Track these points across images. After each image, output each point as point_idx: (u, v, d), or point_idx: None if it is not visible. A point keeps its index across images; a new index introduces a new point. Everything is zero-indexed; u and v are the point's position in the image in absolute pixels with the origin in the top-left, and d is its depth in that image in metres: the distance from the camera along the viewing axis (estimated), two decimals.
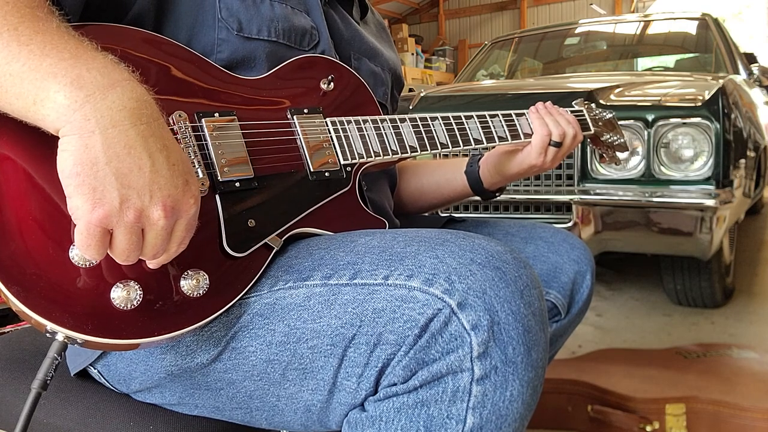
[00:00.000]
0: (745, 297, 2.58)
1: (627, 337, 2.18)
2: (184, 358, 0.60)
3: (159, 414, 0.67)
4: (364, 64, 0.87)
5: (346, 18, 0.88)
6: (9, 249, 0.48)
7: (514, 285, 0.54)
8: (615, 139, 1.08)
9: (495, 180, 0.98)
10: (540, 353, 0.54)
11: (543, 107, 0.93)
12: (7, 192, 0.49)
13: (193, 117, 0.61)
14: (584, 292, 0.95)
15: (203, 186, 0.58)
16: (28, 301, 0.48)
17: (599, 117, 1.07)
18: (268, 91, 0.69)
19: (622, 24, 3.68)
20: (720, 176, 1.92)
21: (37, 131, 0.48)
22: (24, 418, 0.51)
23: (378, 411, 0.54)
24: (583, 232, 2.06)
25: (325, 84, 0.73)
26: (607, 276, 2.97)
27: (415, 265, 0.54)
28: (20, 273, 0.48)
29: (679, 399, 1.42)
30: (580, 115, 1.01)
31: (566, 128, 0.92)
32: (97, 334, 0.50)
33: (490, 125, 0.87)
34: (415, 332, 0.52)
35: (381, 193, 0.88)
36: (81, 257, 0.50)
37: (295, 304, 0.58)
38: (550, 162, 0.92)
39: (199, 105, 0.62)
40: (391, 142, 0.75)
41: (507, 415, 0.52)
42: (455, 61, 10.36)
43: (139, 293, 0.52)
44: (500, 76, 3.73)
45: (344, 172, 0.70)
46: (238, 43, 0.69)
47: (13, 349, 0.85)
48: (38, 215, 0.50)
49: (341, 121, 0.72)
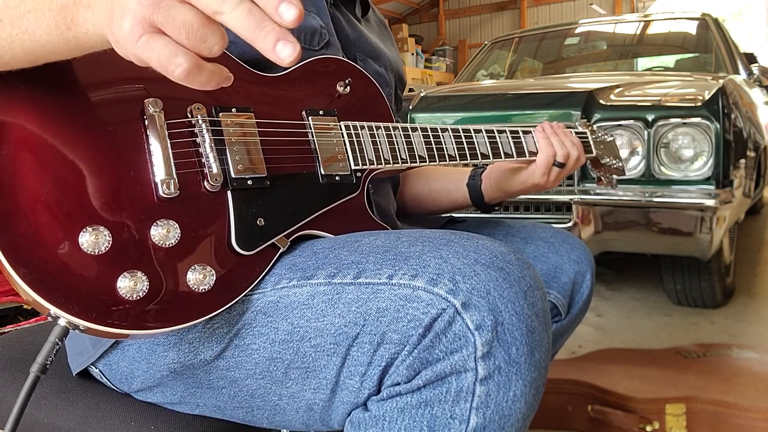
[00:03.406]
0: (745, 297, 2.58)
1: (627, 337, 2.18)
2: (187, 355, 0.60)
3: (160, 414, 0.67)
4: (369, 65, 0.87)
5: (350, 19, 0.88)
6: (18, 230, 0.48)
7: (517, 286, 0.54)
8: (614, 162, 1.09)
9: (496, 195, 0.99)
10: (543, 353, 0.54)
11: (549, 127, 0.93)
12: (20, 173, 0.49)
13: (211, 110, 0.60)
14: (584, 292, 0.95)
15: (216, 181, 0.58)
16: (34, 284, 0.48)
17: (601, 140, 1.08)
18: (285, 90, 0.69)
19: (622, 24, 3.68)
20: (720, 176, 1.93)
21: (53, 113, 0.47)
22: (21, 401, 0.50)
23: (381, 411, 0.54)
24: (583, 232, 2.06)
25: (341, 87, 0.73)
26: (607, 276, 2.97)
27: (419, 264, 0.54)
28: (28, 255, 0.48)
29: (679, 399, 1.43)
30: (583, 137, 1.01)
31: (570, 150, 0.92)
32: (100, 322, 0.50)
33: (497, 141, 0.87)
34: (419, 332, 0.52)
35: (385, 197, 0.88)
36: (90, 243, 0.50)
37: (298, 303, 0.57)
38: (552, 181, 0.93)
39: (217, 98, 0.62)
40: (402, 150, 0.75)
41: (510, 414, 0.52)
42: (455, 61, 10.36)
43: (145, 284, 0.52)
44: (500, 76, 3.73)
45: (354, 177, 0.70)
46: (247, 44, 0.69)
47: (13, 349, 0.85)
48: (49, 198, 0.50)
49: (355, 125, 0.72)
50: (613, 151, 1.10)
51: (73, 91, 0.54)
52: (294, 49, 0.40)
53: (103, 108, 0.55)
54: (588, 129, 1.05)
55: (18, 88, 0.51)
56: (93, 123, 0.54)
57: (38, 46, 0.47)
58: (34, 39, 0.47)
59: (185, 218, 0.56)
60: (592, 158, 1.05)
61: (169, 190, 0.55)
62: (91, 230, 0.50)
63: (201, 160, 0.58)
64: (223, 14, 0.39)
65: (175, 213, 0.56)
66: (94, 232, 0.50)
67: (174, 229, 0.55)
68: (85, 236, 0.50)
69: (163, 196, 0.55)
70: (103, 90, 0.55)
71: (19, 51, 0.48)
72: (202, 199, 0.58)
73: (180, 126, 0.58)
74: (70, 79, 0.54)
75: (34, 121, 0.50)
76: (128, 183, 0.54)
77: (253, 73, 0.67)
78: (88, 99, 0.54)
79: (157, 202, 0.55)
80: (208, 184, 0.58)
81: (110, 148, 0.54)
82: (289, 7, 0.39)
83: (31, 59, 0.49)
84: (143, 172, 0.55)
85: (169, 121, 0.57)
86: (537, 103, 2.24)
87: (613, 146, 1.11)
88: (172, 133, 0.57)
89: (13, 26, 0.47)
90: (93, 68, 0.55)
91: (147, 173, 0.55)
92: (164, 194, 0.55)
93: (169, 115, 0.57)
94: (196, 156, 0.58)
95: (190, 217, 0.57)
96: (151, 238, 0.54)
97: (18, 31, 0.47)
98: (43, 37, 0.46)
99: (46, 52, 0.48)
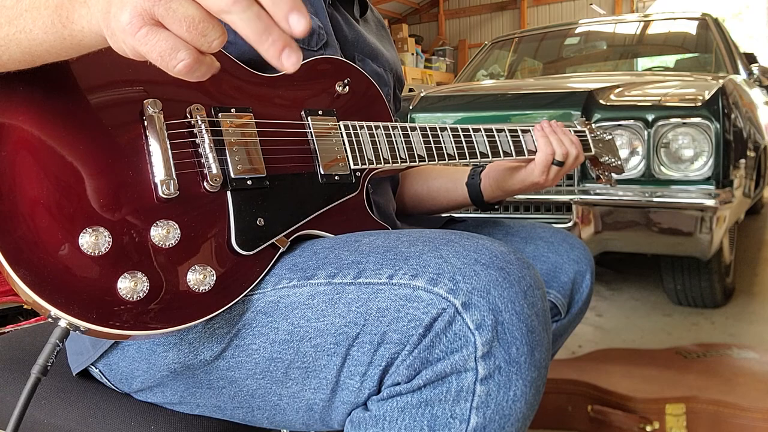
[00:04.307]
0: (745, 297, 2.58)
1: (627, 337, 2.18)
2: (187, 356, 0.60)
3: (160, 414, 0.67)
4: (368, 66, 0.87)
5: (348, 19, 0.88)
6: (18, 232, 0.48)
7: (517, 285, 0.54)
8: (613, 161, 1.09)
9: (496, 194, 0.99)
10: (543, 353, 0.54)
11: (548, 126, 0.93)
12: (20, 175, 0.49)
13: (210, 111, 0.61)
14: (584, 291, 0.96)
15: (216, 181, 0.58)
16: (34, 286, 0.48)
17: (600, 138, 1.08)
18: (284, 90, 0.69)
19: (622, 24, 3.68)
20: (720, 176, 1.93)
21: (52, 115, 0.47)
22: (22, 403, 0.50)
23: (381, 410, 0.54)
24: (583, 232, 2.06)
25: (340, 87, 0.73)
26: (607, 276, 2.97)
27: (419, 264, 0.54)
28: (28, 257, 0.48)
29: (679, 399, 1.42)
30: (582, 136, 1.02)
31: (569, 148, 0.93)
32: (101, 324, 0.50)
33: (496, 140, 0.87)
34: (419, 332, 0.52)
35: (385, 196, 0.88)
36: (90, 244, 0.50)
37: (299, 303, 0.57)
38: (551, 180, 0.93)
39: (216, 99, 0.62)
40: (401, 150, 0.75)
41: (510, 414, 0.52)
42: (455, 61, 10.35)
43: (145, 285, 0.52)
44: (500, 76, 3.73)
45: (354, 177, 0.70)
46: (246, 44, 0.69)
47: (13, 349, 0.85)
48: (49, 200, 0.50)
49: (354, 125, 0.72)
50: (612, 150, 1.10)
51: (72, 93, 0.54)
52: (299, 57, 0.40)
53: (102, 109, 0.55)
54: (587, 127, 1.05)
55: (17, 90, 0.51)
56: (92, 124, 0.54)
57: (35, 44, 0.47)
58: (31, 38, 0.47)
59: (185, 219, 0.56)
60: (590, 156, 1.05)
61: (168, 190, 0.55)
62: (91, 231, 0.50)
63: (200, 161, 0.58)
64: (230, 14, 0.39)
65: (174, 214, 0.56)
66: (94, 233, 0.51)
67: (174, 229, 0.55)
68: (85, 237, 0.50)
69: (162, 196, 0.55)
70: (102, 91, 0.55)
71: (16, 50, 0.48)
72: (202, 200, 0.58)
73: (179, 127, 0.58)
74: (69, 81, 0.54)
75: (34, 123, 0.50)
76: (128, 184, 0.54)
77: (252, 74, 0.67)
78: (87, 100, 0.54)
79: (157, 202, 0.55)
80: (207, 185, 0.58)
81: (110, 149, 0.54)
82: (299, 17, 0.39)
83: (28, 60, 0.49)
84: (143, 173, 0.55)
85: (169, 122, 0.57)
86: (537, 103, 2.24)
87: (612, 144, 1.11)
88: (171, 134, 0.57)
89: (11, 25, 0.47)
90: (92, 70, 0.55)
91: (147, 174, 0.55)
92: (164, 195, 0.55)
93: (169, 116, 0.57)
94: (196, 156, 0.58)
95: (190, 217, 0.57)
96: (151, 238, 0.54)
97: (15, 30, 0.47)
98: (39, 36, 0.46)
99: (43, 51, 0.48)
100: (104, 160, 0.53)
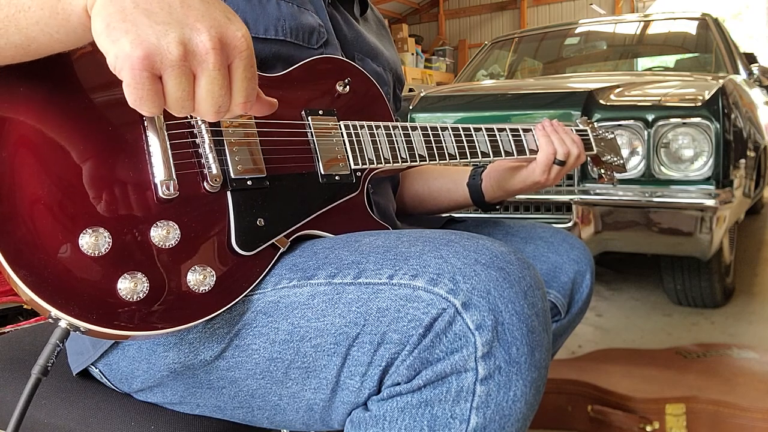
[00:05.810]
0: (745, 297, 2.58)
1: (627, 337, 2.18)
2: (187, 356, 0.60)
3: (160, 414, 0.67)
4: (368, 65, 0.87)
5: (348, 18, 0.88)
6: (18, 233, 0.48)
7: (518, 285, 0.54)
8: (615, 160, 1.09)
9: (497, 194, 0.99)
10: (543, 353, 0.54)
11: (549, 125, 0.93)
12: (20, 175, 0.49)
13: None
14: (584, 291, 0.95)
15: (216, 182, 0.58)
16: (35, 286, 0.48)
17: (602, 137, 1.07)
18: (284, 90, 0.69)
19: (622, 24, 3.68)
20: (720, 176, 1.93)
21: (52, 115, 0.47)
22: (22, 403, 0.50)
23: (381, 410, 0.54)
24: (583, 232, 2.06)
25: (341, 86, 0.73)
26: (607, 276, 2.97)
27: (419, 264, 0.54)
28: (28, 258, 0.48)
29: (679, 399, 1.42)
30: (584, 135, 1.01)
31: (571, 147, 0.92)
32: (101, 324, 0.50)
33: (497, 139, 0.87)
34: (419, 332, 0.52)
35: (385, 196, 0.88)
36: (90, 245, 0.50)
37: (299, 303, 0.57)
38: (552, 180, 0.93)
39: None
40: (402, 149, 0.75)
41: (510, 415, 0.52)
42: (455, 61, 10.35)
43: (146, 285, 0.52)
44: (500, 76, 3.73)
45: (354, 177, 0.70)
46: None
47: (13, 349, 0.85)
48: (49, 200, 0.50)
49: (354, 125, 0.72)
50: (614, 149, 1.10)
51: (72, 93, 0.53)
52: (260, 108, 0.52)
53: (102, 109, 0.55)
54: (588, 126, 1.05)
55: (17, 89, 0.51)
56: (92, 124, 0.54)
57: (31, 23, 0.47)
58: (29, 16, 0.46)
59: (185, 219, 0.56)
60: (592, 156, 1.05)
61: (168, 191, 0.55)
62: (91, 232, 0.50)
63: (201, 161, 0.58)
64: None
65: (174, 214, 0.56)
66: (94, 233, 0.51)
67: (174, 230, 0.55)
68: (85, 238, 0.50)
69: (162, 197, 0.55)
70: (102, 91, 0.55)
71: (14, 32, 0.47)
72: (202, 200, 0.58)
73: (179, 127, 0.58)
74: (70, 81, 0.54)
75: (33, 123, 0.51)
76: (128, 184, 0.54)
77: None
78: (87, 100, 0.54)
79: (157, 203, 0.55)
80: (207, 185, 0.58)
81: (110, 149, 0.54)
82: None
83: (24, 43, 0.48)
84: (143, 174, 0.55)
85: (169, 122, 0.57)
86: (537, 103, 2.24)
87: (614, 143, 1.11)
88: (171, 134, 0.57)
89: (10, 5, 0.47)
90: (92, 70, 0.55)
91: (146, 174, 0.55)
92: (164, 195, 0.55)
93: (169, 116, 0.57)
94: (196, 157, 0.58)
95: (190, 218, 0.57)
96: (151, 239, 0.54)
97: (15, 10, 0.47)
98: (36, 13, 0.46)
99: (38, 31, 0.47)
100: (104, 161, 0.53)
